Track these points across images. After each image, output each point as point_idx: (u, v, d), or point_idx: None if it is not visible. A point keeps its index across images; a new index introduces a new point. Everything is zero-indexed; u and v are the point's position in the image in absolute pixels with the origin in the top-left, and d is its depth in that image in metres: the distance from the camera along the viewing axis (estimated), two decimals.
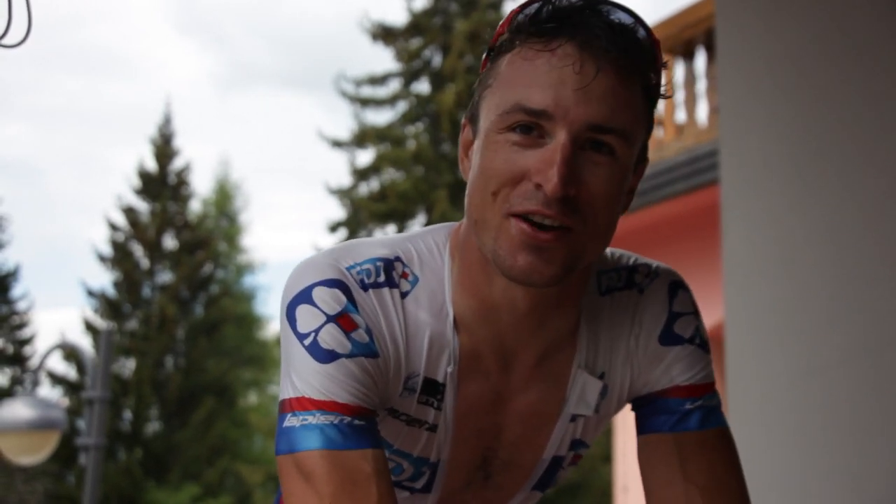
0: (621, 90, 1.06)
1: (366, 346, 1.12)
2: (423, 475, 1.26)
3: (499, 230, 1.07)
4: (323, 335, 1.10)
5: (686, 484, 1.20)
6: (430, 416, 1.20)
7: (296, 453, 1.08)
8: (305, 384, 1.10)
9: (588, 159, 1.06)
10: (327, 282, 1.13)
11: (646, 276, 1.26)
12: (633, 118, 1.08)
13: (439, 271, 1.19)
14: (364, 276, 1.15)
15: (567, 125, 1.04)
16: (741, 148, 2.92)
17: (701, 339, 1.26)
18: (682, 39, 7.02)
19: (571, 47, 1.05)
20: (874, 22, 2.62)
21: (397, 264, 1.17)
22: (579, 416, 1.25)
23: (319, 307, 1.12)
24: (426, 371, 1.17)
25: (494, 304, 1.15)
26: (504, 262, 1.07)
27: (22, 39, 1.40)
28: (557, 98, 1.04)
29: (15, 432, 6.96)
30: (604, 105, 1.05)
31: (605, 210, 1.07)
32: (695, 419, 1.22)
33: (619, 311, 1.24)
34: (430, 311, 1.17)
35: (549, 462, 1.29)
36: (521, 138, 1.06)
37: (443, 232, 1.23)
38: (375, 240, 1.20)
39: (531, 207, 1.05)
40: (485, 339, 1.18)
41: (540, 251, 1.06)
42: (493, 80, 1.11)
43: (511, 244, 1.06)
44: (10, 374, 21.54)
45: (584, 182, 1.05)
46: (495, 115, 1.08)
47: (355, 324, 1.12)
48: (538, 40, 1.07)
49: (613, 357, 1.24)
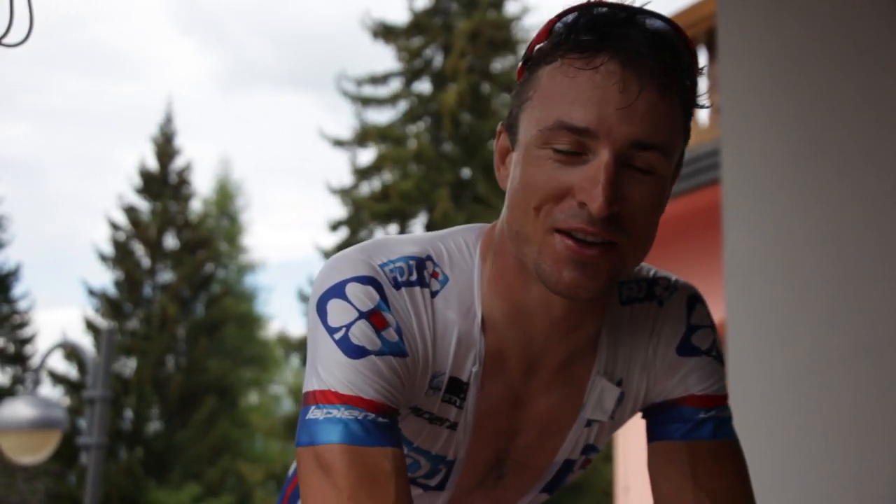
0: (662, 105, 1.06)
1: (395, 344, 1.12)
2: (438, 472, 1.27)
3: (542, 245, 1.08)
4: (354, 331, 1.11)
5: (697, 492, 1.21)
6: (452, 414, 1.21)
7: (316, 446, 1.08)
8: (332, 377, 1.10)
9: (629, 176, 1.06)
10: (361, 278, 1.13)
11: (665, 290, 1.28)
12: (673, 132, 1.09)
13: (469, 272, 1.19)
14: (397, 273, 1.15)
15: (610, 143, 1.04)
16: (742, 147, 2.92)
17: (717, 352, 1.29)
18: None
19: (614, 65, 1.05)
20: (875, 22, 2.62)
21: (428, 263, 1.18)
22: (595, 421, 1.27)
23: (352, 303, 1.12)
24: (452, 370, 1.18)
25: (529, 308, 1.16)
26: (550, 277, 1.08)
27: (23, 39, 1.40)
28: (601, 116, 1.04)
29: (16, 431, 6.96)
30: (646, 122, 1.05)
31: (646, 224, 1.09)
32: (707, 429, 1.24)
33: (639, 321, 1.26)
34: (458, 311, 1.17)
35: (561, 465, 1.31)
36: (563, 156, 1.06)
37: (473, 232, 1.23)
38: (407, 237, 1.21)
39: (575, 225, 1.05)
40: (513, 342, 1.19)
41: (585, 266, 1.06)
42: (532, 92, 1.10)
43: (556, 259, 1.07)
44: (12, 374, 21.55)
45: (626, 198, 1.06)
46: (536, 129, 1.08)
47: (386, 322, 1.12)
48: (579, 56, 1.07)
49: (632, 365, 1.25)
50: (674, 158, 1.10)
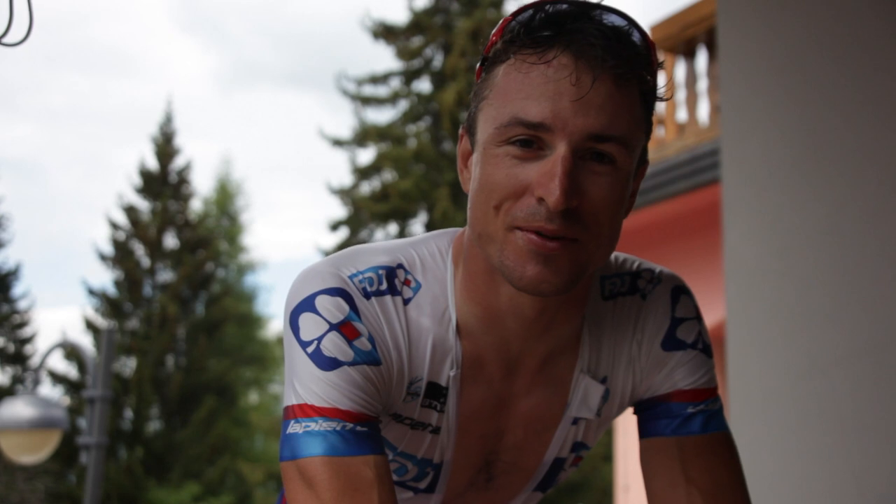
0: (619, 97, 1.05)
1: (368, 353, 1.13)
2: (427, 476, 1.27)
3: (504, 242, 1.07)
4: (325, 343, 1.11)
5: (688, 487, 1.21)
6: (434, 418, 1.21)
7: (298, 460, 1.09)
8: (308, 391, 1.10)
9: (589, 169, 1.05)
10: (330, 290, 1.14)
11: (649, 282, 1.26)
12: (631, 124, 1.07)
13: (442, 277, 1.19)
14: (366, 284, 1.15)
15: (566, 137, 1.04)
16: (742, 147, 2.92)
17: (703, 343, 1.27)
18: (684, 38, 7.02)
19: (566, 58, 1.04)
20: (876, 21, 2.62)
21: (399, 271, 1.18)
22: (581, 419, 1.26)
23: (322, 315, 1.12)
24: (429, 375, 1.18)
25: (500, 311, 1.16)
26: (513, 273, 1.07)
27: (23, 38, 1.40)
28: (555, 110, 1.04)
29: (16, 431, 6.96)
30: (602, 114, 1.04)
31: (608, 219, 1.07)
32: (697, 423, 1.23)
33: (623, 316, 1.25)
34: (432, 317, 1.17)
35: (551, 464, 1.30)
36: (520, 151, 1.06)
37: (445, 238, 1.23)
38: (378, 246, 1.21)
39: (535, 223, 1.05)
40: (489, 345, 1.19)
41: (548, 260, 1.06)
42: (488, 91, 1.10)
43: (518, 255, 1.06)
44: (11, 373, 21.55)
45: (585, 192, 1.05)
46: (493, 128, 1.08)
47: (358, 332, 1.13)
48: (533, 51, 1.06)
49: (616, 362, 1.25)
50: (635, 151, 1.09)
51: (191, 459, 20.78)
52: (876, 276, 2.54)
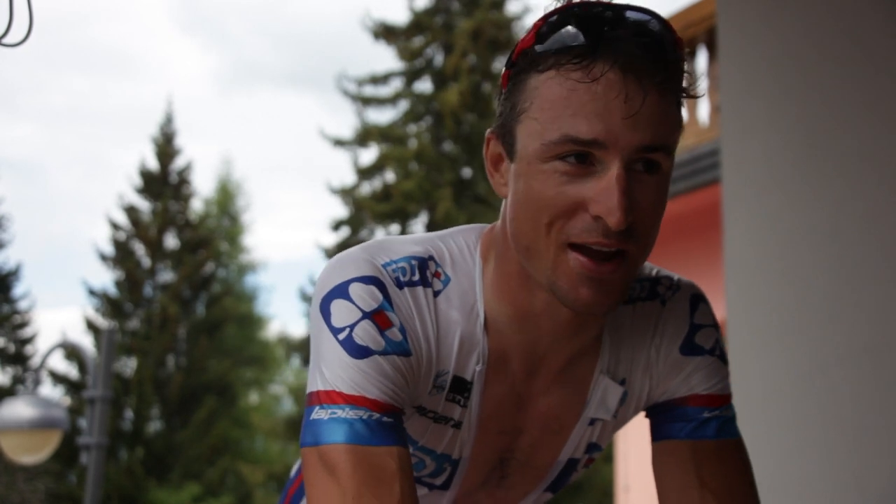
0: (664, 107, 1.06)
1: (399, 344, 1.12)
2: (444, 472, 1.27)
3: (556, 261, 1.07)
4: (358, 331, 1.11)
5: (702, 491, 1.21)
6: (457, 413, 1.21)
7: (321, 446, 1.08)
8: (336, 378, 1.10)
9: (637, 180, 1.06)
10: (364, 278, 1.13)
11: (668, 289, 1.28)
12: (674, 129, 1.08)
13: (470, 272, 1.19)
14: (400, 273, 1.15)
15: (619, 152, 1.03)
16: (742, 147, 2.91)
17: (721, 351, 1.28)
18: (684, 38, 6.98)
19: (614, 73, 1.03)
20: (876, 21, 2.61)
21: (430, 263, 1.18)
22: (598, 420, 1.27)
23: (356, 303, 1.12)
24: (455, 369, 1.18)
25: (535, 312, 1.16)
26: (567, 295, 1.07)
27: (23, 39, 1.40)
28: (608, 127, 1.03)
29: (16, 431, 6.96)
30: (650, 127, 1.04)
31: (654, 226, 1.09)
32: (711, 428, 1.24)
33: (642, 320, 1.26)
34: (461, 311, 1.17)
35: (565, 464, 1.31)
36: (571, 168, 1.05)
37: (473, 233, 1.23)
38: (409, 237, 1.21)
39: (592, 239, 1.05)
40: (516, 343, 1.19)
41: (601, 283, 1.06)
42: (528, 103, 1.08)
43: (571, 277, 1.06)
44: (12, 374, 21.55)
45: (638, 205, 1.05)
46: (539, 143, 1.06)
47: (390, 322, 1.12)
48: (576, 66, 1.04)
49: (634, 365, 1.25)
50: (674, 152, 1.10)
51: (191, 460, 20.78)
52: (876, 275, 2.54)
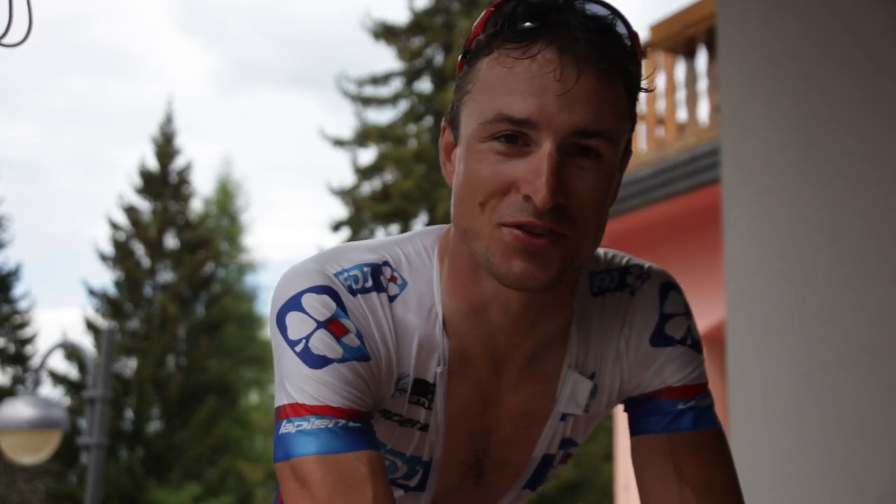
0: (603, 91, 1.05)
1: (357, 349, 1.12)
2: (416, 473, 1.26)
3: (491, 238, 1.07)
4: (314, 341, 1.11)
5: (680, 484, 1.20)
6: (422, 415, 1.20)
7: (291, 459, 1.09)
8: (298, 390, 1.10)
9: (574, 164, 1.05)
10: (316, 288, 1.13)
11: (637, 278, 1.25)
12: (616, 118, 1.07)
13: (428, 275, 1.19)
14: (352, 281, 1.15)
15: (552, 133, 1.03)
16: (742, 147, 2.92)
17: (693, 339, 1.26)
18: (684, 38, 7.02)
19: (551, 52, 1.04)
20: (875, 20, 2.62)
21: (385, 269, 1.17)
22: (569, 415, 1.26)
23: (309, 313, 1.12)
24: (416, 372, 1.18)
25: (485, 305, 1.15)
26: (499, 270, 1.07)
27: (23, 39, 1.40)
28: (540, 106, 1.03)
29: (16, 431, 6.96)
30: (587, 109, 1.03)
31: (594, 213, 1.07)
32: (688, 419, 1.22)
33: (611, 312, 1.24)
34: (418, 314, 1.17)
35: (540, 460, 1.30)
36: (505, 147, 1.05)
37: (431, 235, 1.23)
38: (363, 244, 1.20)
39: (522, 219, 1.04)
40: (475, 341, 1.18)
41: (534, 256, 1.05)
42: (471, 85, 1.09)
43: (505, 251, 1.06)
44: (12, 374, 21.55)
45: (572, 188, 1.04)
46: (477, 123, 1.07)
47: (346, 328, 1.12)
48: (516, 45, 1.05)
49: (604, 358, 1.24)
50: (620, 144, 1.09)
51: (191, 460, 20.78)
52: (876, 275, 2.55)
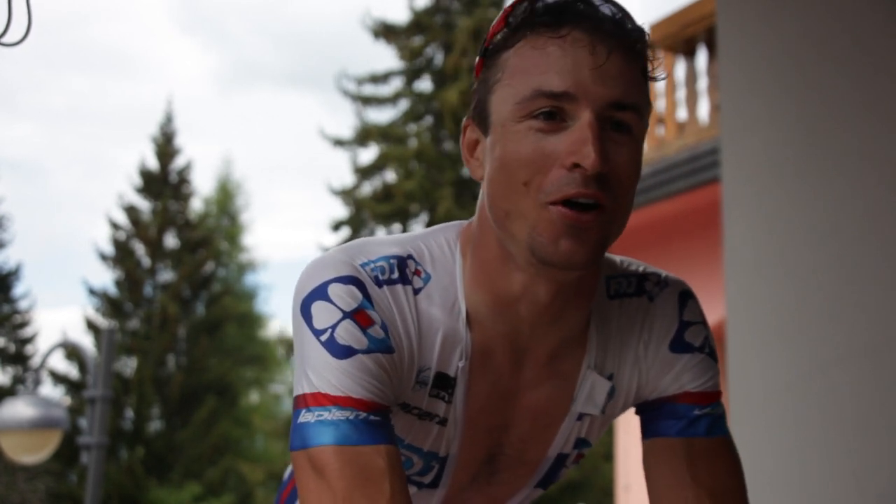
0: (630, 69, 1.09)
1: (382, 341, 1.12)
2: (431, 469, 1.27)
3: (538, 220, 1.07)
4: (339, 331, 1.11)
5: (696, 489, 1.20)
6: (441, 409, 1.21)
7: (309, 449, 1.09)
8: (321, 380, 1.10)
9: (610, 139, 1.08)
10: (343, 278, 1.13)
11: (656, 285, 1.27)
12: (643, 95, 1.11)
13: (451, 268, 1.19)
14: (378, 272, 1.15)
15: (590, 104, 1.06)
16: (742, 146, 2.91)
17: (710, 348, 1.28)
18: (684, 37, 7.02)
19: (580, 33, 1.08)
20: (875, 20, 2.61)
21: (410, 262, 1.18)
22: (586, 415, 1.26)
23: (336, 303, 1.12)
24: (438, 365, 1.18)
25: (512, 297, 1.16)
26: (546, 249, 1.07)
27: (22, 38, 1.40)
28: (577, 80, 1.06)
29: (17, 431, 6.96)
30: (620, 83, 1.07)
31: (630, 187, 1.10)
32: (703, 426, 1.23)
33: (629, 316, 1.25)
34: (442, 308, 1.17)
35: (554, 459, 1.30)
36: (544, 124, 1.07)
37: (453, 230, 1.24)
38: (387, 238, 1.21)
39: (571, 191, 1.06)
40: (498, 335, 1.19)
41: (580, 233, 1.07)
42: (500, 73, 1.11)
43: (552, 230, 1.06)
44: (12, 373, 21.55)
45: (611, 160, 1.07)
46: (512, 104, 1.09)
47: (371, 320, 1.12)
48: (546, 29, 1.09)
49: (622, 360, 1.25)
50: (646, 122, 1.12)
51: (192, 459, 20.78)
52: (876, 275, 2.54)
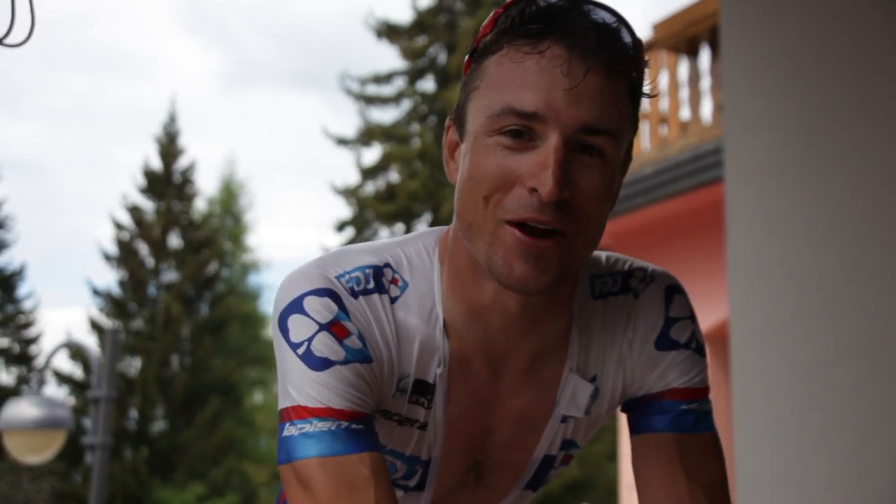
0: (609, 90, 1.06)
1: (359, 351, 1.13)
2: (415, 473, 1.27)
3: (493, 236, 1.07)
4: (316, 343, 1.11)
5: (689, 482, 1.20)
6: (421, 415, 1.21)
7: (294, 462, 1.09)
8: (301, 393, 1.10)
9: (579, 161, 1.05)
10: (317, 291, 1.14)
11: (641, 281, 1.25)
12: (621, 118, 1.08)
13: (429, 276, 1.19)
14: (353, 283, 1.15)
15: (559, 127, 1.04)
16: (745, 145, 2.91)
17: (697, 343, 1.26)
18: (686, 37, 7.01)
19: (560, 49, 1.05)
20: (877, 20, 2.61)
21: (387, 270, 1.18)
22: (570, 417, 1.26)
23: (311, 316, 1.12)
24: (416, 372, 1.18)
25: (484, 307, 1.15)
26: (500, 271, 1.07)
27: (25, 39, 1.40)
28: (548, 100, 1.04)
29: (21, 431, 6.97)
30: (594, 106, 1.05)
31: (596, 213, 1.08)
32: (689, 420, 1.23)
33: (613, 315, 1.24)
34: (419, 316, 1.17)
35: (540, 462, 1.30)
36: (512, 142, 1.06)
37: (432, 237, 1.23)
38: (364, 246, 1.21)
39: (526, 215, 1.05)
40: (475, 343, 1.18)
41: (536, 259, 1.06)
42: (479, 81, 1.10)
43: (507, 252, 1.06)
44: (17, 374, 21.59)
45: (576, 185, 1.05)
46: (484, 117, 1.08)
47: (347, 331, 1.13)
48: (525, 41, 1.06)
49: (606, 361, 1.24)
50: (623, 146, 1.10)
51: (196, 459, 20.80)
52: (879, 275, 2.54)
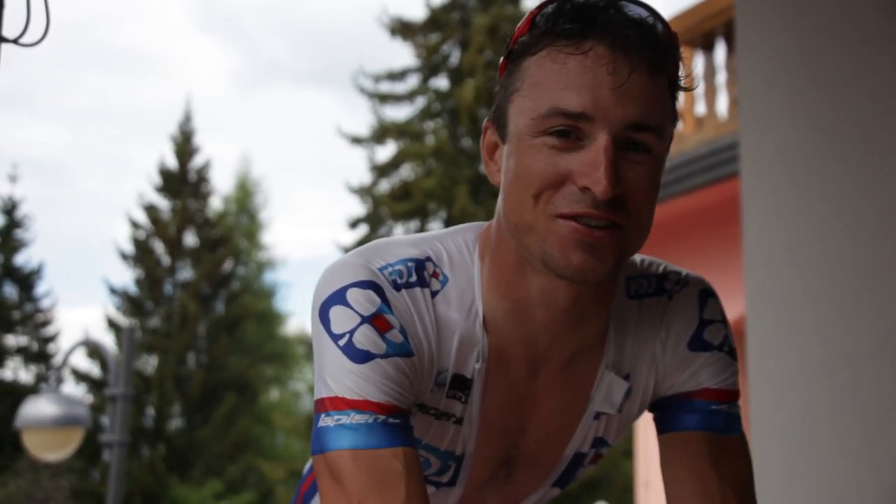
0: (652, 87, 1.07)
1: (400, 345, 1.13)
2: (448, 469, 1.27)
3: (546, 232, 1.07)
4: (358, 336, 1.11)
5: (720, 481, 1.21)
6: (458, 409, 1.21)
7: (327, 453, 1.10)
8: (340, 384, 1.10)
9: (627, 159, 1.07)
10: (361, 283, 1.14)
11: (675, 283, 1.27)
12: (664, 113, 1.09)
13: (469, 271, 1.19)
14: (396, 276, 1.15)
15: (607, 126, 1.05)
16: (761, 140, 2.90)
17: (730, 346, 1.27)
18: (702, 31, 6.98)
19: (603, 48, 1.06)
20: (893, 16, 2.60)
21: (428, 264, 1.18)
22: (602, 413, 1.26)
23: (354, 308, 1.12)
24: (455, 367, 1.18)
25: (530, 303, 1.16)
26: (559, 262, 1.07)
27: (40, 38, 1.40)
28: (595, 100, 1.05)
29: (40, 429, 7.02)
30: (639, 104, 1.06)
31: (647, 206, 1.09)
32: (720, 420, 1.24)
33: (648, 315, 1.25)
34: (459, 311, 1.18)
35: (571, 459, 1.31)
36: (559, 142, 1.06)
37: (472, 232, 1.23)
38: (405, 239, 1.21)
39: (580, 210, 1.05)
40: (515, 340, 1.19)
41: (593, 248, 1.06)
42: (520, 82, 1.11)
43: (563, 243, 1.07)
44: (35, 372, 21.70)
45: (626, 181, 1.06)
46: (529, 118, 1.08)
47: (390, 324, 1.13)
48: (566, 42, 1.07)
49: (639, 360, 1.25)
50: (666, 140, 1.11)
51: (212, 457, 20.88)
52: (895, 270, 2.53)
